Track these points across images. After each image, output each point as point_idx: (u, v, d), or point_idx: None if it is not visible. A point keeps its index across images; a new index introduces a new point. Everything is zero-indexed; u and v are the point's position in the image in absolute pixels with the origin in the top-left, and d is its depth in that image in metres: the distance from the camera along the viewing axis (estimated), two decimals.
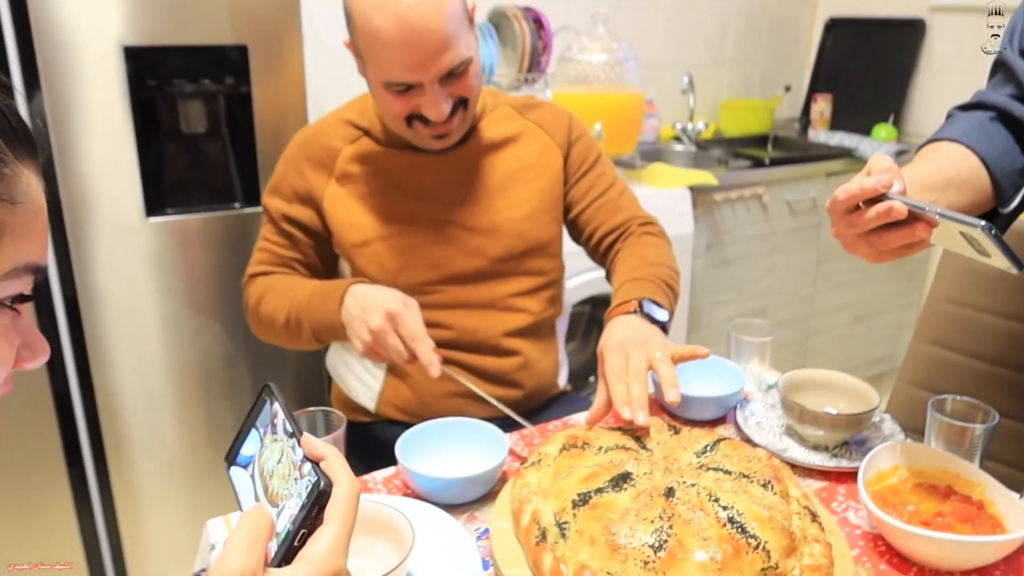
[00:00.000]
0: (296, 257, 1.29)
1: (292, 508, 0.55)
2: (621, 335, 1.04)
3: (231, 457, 0.65)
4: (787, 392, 1.09)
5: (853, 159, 2.58)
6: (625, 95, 2.09)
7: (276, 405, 0.63)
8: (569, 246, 1.38)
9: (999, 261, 0.75)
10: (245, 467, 0.64)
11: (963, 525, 0.87)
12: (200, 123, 1.60)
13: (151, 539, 1.75)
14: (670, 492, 0.79)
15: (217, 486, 1.78)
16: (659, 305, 1.12)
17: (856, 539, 0.90)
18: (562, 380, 1.43)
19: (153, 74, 1.48)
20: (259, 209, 1.43)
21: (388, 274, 1.23)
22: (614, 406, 0.96)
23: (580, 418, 1.16)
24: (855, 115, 2.92)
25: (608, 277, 1.32)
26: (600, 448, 0.87)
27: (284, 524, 0.55)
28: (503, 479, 0.98)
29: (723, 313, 2.50)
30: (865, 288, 2.86)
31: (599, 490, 0.78)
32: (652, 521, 0.73)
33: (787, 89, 3.09)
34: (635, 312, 1.10)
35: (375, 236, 1.23)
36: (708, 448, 0.91)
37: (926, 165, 0.95)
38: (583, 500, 0.76)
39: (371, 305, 1.09)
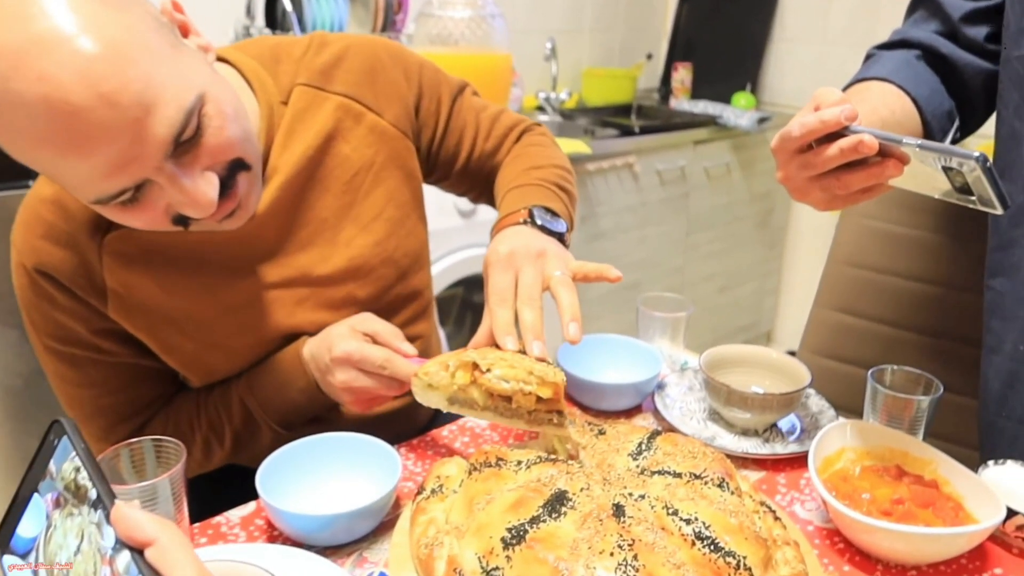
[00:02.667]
0: (155, 394, 0.93)
1: None
2: (509, 245, 0.82)
3: (2, 541, 0.43)
4: (710, 371, 0.97)
5: (718, 127, 2.55)
6: (493, 55, 1.92)
7: (71, 454, 0.41)
8: (433, 224, 1.13)
9: (984, 200, 0.65)
10: (24, 556, 0.41)
11: (924, 511, 0.78)
12: None
13: None
14: (619, 510, 0.64)
15: None
16: (553, 213, 0.90)
17: (810, 536, 0.79)
18: None
19: None
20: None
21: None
22: (495, 336, 0.78)
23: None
24: (714, 84, 2.91)
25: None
26: (519, 463, 0.70)
27: None
28: (397, 505, 0.79)
29: (598, 290, 2.40)
30: (730, 257, 2.86)
31: (534, 520, 0.60)
32: (611, 553, 0.57)
33: (648, 57, 3.04)
34: (525, 223, 0.87)
35: (200, 345, 0.87)
36: (643, 447, 0.76)
37: (860, 106, 0.86)
38: (517, 536, 0.59)
39: (322, 365, 0.85)
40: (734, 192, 2.74)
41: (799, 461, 0.90)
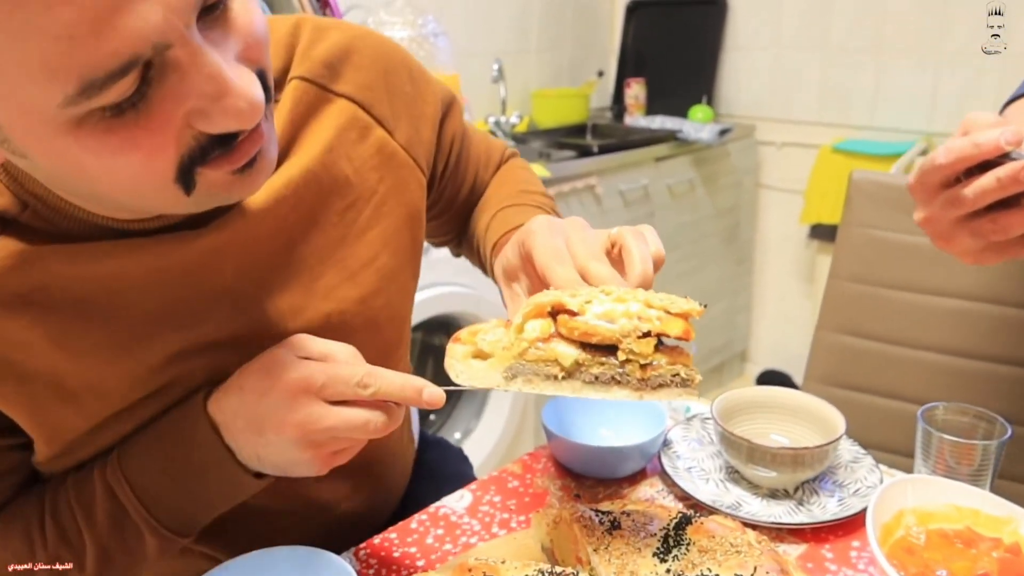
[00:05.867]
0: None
1: None
2: (547, 221, 0.63)
3: None
4: (725, 422, 0.81)
5: (678, 142, 2.43)
6: (440, 77, 1.77)
7: None
8: None
9: None
10: None
11: None
12: None
13: None
14: None
15: None
16: None
17: None
18: (416, 432, 1.06)
19: None
20: None
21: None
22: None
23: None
24: (669, 98, 2.80)
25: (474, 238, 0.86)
26: None
27: None
28: None
29: None
30: (699, 276, 2.74)
31: None
32: None
33: (599, 75, 2.93)
34: None
35: (95, 423, 0.60)
36: (671, 542, 0.60)
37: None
38: None
39: (260, 414, 0.57)
40: (699, 208, 2.62)
41: (844, 526, 0.75)
